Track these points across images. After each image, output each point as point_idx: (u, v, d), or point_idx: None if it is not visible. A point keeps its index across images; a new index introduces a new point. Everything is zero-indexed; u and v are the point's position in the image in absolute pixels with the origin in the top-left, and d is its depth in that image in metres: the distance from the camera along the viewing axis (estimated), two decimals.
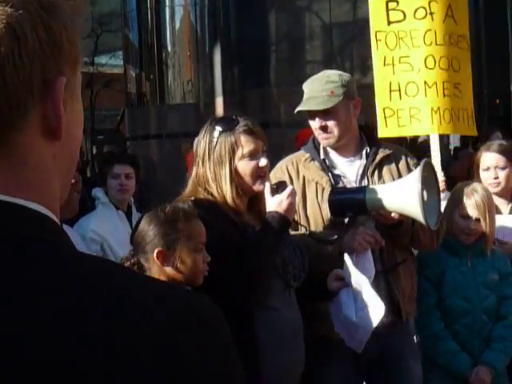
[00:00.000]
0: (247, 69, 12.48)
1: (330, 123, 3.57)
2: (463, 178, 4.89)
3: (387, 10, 4.64)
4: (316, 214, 3.52)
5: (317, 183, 3.55)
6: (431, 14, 4.63)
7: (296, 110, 3.60)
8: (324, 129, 3.57)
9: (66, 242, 0.91)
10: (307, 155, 3.65)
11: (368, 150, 3.64)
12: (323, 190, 3.52)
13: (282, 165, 3.62)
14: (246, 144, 3.04)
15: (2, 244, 0.84)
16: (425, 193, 3.27)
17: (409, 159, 3.72)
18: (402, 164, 3.66)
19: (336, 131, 3.58)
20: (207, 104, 12.58)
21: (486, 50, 13.74)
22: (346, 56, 14.42)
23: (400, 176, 3.58)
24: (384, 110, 4.48)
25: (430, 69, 4.59)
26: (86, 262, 0.90)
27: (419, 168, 3.31)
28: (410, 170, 3.58)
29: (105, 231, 4.91)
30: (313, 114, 3.58)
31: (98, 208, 5.16)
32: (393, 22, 4.63)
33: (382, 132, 4.34)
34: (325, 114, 3.56)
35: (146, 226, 2.76)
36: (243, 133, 3.04)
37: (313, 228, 3.51)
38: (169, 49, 13.67)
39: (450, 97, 4.61)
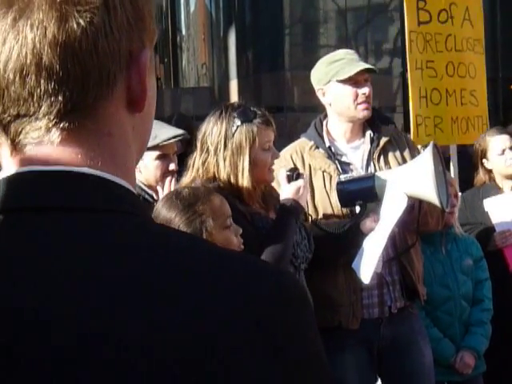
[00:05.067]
0: (261, 52, 12.49)
1: (370, 92, 3.48)
2: None
3: (417, 8, 4.43)
4: (325, 204, 3.43)
5: (324, 172, 3.45)
6: (451, 17, 4.48)
7: (352, 73, 3.40)
8: (369, 98, 3.46)
9: (148, 215, 0.94)
10: (311, 143, 3.52)
11: (372, 135, 3.55)
12: (331, 178, 3.42)
13: (285, 154, 3.47)
14: (265, 135, 3.04)
15: (102, 215, 0.86)
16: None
17: (410, 142, 3.69)
18: (404, 148, 3.58)
19: (371, 103, 3.52)
20: (221, 87, 12.61)
21: (500, 35, 13.68)
22: (361, 40, 14.37)
23: (404, 160, 3.51)
24: (416, 117, 4.34)
25: (450, 76, 4.46)
26: (174, 234, 0.92)
27: (429, 150, 3.20)
28: (412, 154, 3.51)
29: None
30: (358, 80, 3.45)
31: None
32: (422, 23, 4.44)
33: (414, 141, 4.11)
34: (366, 82, 3.47)
35: (170, 214, 2.66)
36: (263, 124, 3.04)
37: (322, 217, 3.43)
38: (183, 32, 13.68)
39: (467, 105, 4.51)
